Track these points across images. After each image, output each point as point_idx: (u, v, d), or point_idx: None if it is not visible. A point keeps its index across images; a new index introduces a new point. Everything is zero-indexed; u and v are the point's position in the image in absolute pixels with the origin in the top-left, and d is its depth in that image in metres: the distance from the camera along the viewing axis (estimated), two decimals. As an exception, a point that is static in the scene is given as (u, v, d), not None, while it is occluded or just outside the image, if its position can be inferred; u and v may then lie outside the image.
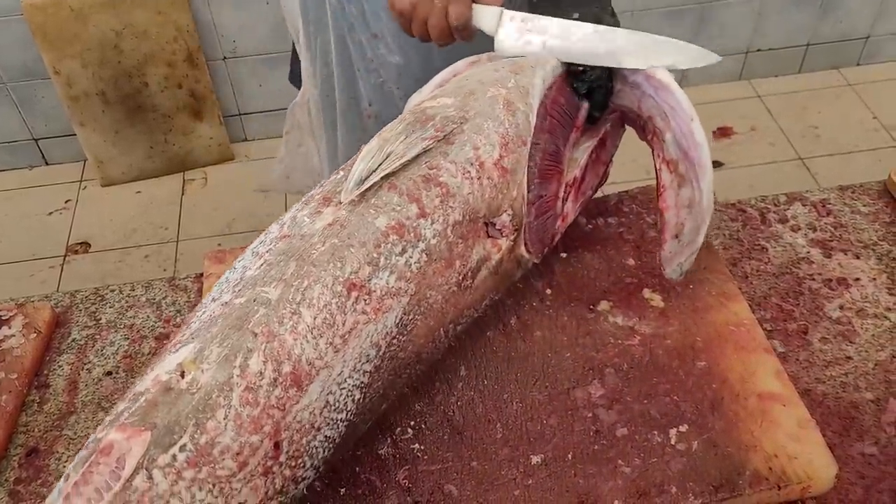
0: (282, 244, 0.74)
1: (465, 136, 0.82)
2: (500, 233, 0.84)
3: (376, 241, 0.74)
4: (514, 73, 0.91)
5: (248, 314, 0.68)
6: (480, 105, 0.85)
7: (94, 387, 0.96)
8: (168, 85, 2.58)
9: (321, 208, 0.76)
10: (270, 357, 0.67)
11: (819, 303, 1.02)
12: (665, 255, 0.95)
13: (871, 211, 1.13)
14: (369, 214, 0.75)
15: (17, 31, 2.43)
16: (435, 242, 0.78)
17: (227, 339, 0.67)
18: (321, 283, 0.71)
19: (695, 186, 0.90)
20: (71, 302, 1.07)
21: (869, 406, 0.91)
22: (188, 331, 0.70)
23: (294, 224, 0.76)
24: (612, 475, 0.79)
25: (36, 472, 0.88)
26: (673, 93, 0.91)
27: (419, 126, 0.81)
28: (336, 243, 0.73)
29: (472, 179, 0.81)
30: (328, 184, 0.81)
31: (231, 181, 2.74)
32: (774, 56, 2.91)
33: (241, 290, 0.71)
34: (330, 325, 0.70)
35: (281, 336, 0.68)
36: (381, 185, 0.77)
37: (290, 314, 0.69)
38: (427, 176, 0.79)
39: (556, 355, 0.90)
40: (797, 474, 0.79)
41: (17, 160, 2.79)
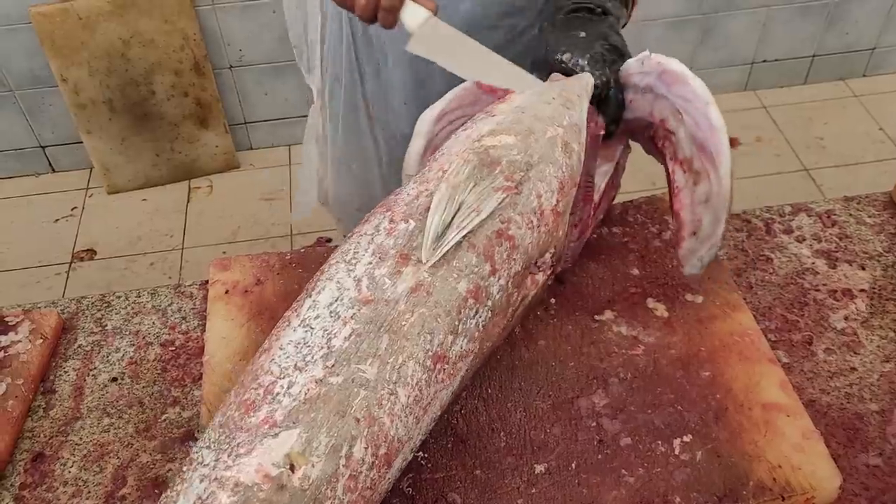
0: (367, 310, 0.71)
1: (530, 185, 0.81)
2: (539, 269, 0.84)
3: (458, 308, 0.74)
4: (566, 106, 0.89)
5: (350, 398, 0.66)
6: (542, 148, 0.84)
7: (100, 393, 0.97)
8: (174, 93, 2.59)
9: (400, 267, 0.74)
10: (371, 442, 0.66)
11: (824, 313, 1.02)
12: (683, 253, 0.93)
13: (877, 222, 1.13)
14: (452, 279, 0.74)
15: (24, 39, 2.44)
16: (499, 298, 0.78)
17: (334, 427, 0.65)
18: (414, 360, 0.70)
19: (712, 178, 0.89)
20: (77, 308, 1.07)
21: (874, 417, 0.90)
22: (279, 407, 0.66)
23: (375, 285, 0.73)
24: (615, 485, 0.79)
25: (41, 478, 0.89)
26: (686, 82, 0.89)
27: (486, 171, 0.80)
28: (424, 313, 0.72)
29: (534, 229, 0.81)
30: (398, 232, 0.77)
31: (236, 189, 2.74)
32: (780, 67, 2.91)
33: (335, 368, 0.68)
34: (418, 400, 0.71)
35: (380, 419, 0.67)
36: (461, 244, 0.76)
37: (388, 395, 0.68)
38: (499, 231, 0.78)
39: (560, 364, 0.90)
40: (801, 485, 0.79)
41: (24, 167, 2.80)
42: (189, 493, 0.62)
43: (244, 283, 1.01)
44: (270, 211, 2.64)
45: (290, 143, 2.87)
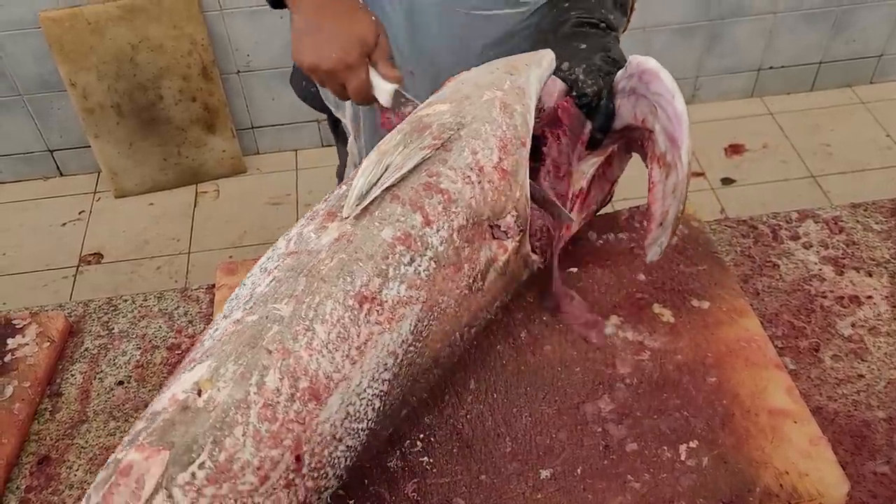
0: (290, 260, 0.74)
1: (462, 142, 0.82)
2: (506, 234, 0.85)
3: (384, 253, 0.75)
4: (509, 73, 0.91)
5: (262, 332, 0.68)
6: (476, 109, 0.86)
7: (106, 396, 0.97)
8: (182, 98, 2.60)
9: (326, 223, 0.77)
10: (287, 373, 0.67)
11: (831, 320, 1.01)
12: (648, 242, 0.95)
13: (884, 228, 1.13)
14: (374, 227, 0.76)
15: (33, 44, 2.45)
16: (442, 249, 0.78)
17: (242, 356, 0.67)
18: (332, 299, 0.71)
19: (678, 167, 0.89)
20: (84, 311, 1.07)
21: (881, 424, 0.90)
22: (202, 349, 0.70)
23: (300, 240, 0.76)
24: (621, 490, 0.79)
25: (47, 481, 0.89)
26: (657, 76, 0.90)
27: (416, 135, 0.82)
28: (344, 258, 0.73)
29: (473, 184, 0.81)
30: (332, 198, 0.81)
31: (243, 194, 2.75)
32: (787, 74, 2.91)
33: (252, 308, 0.71)
34: (344, 338, 0.71)
35: (296, 352, 0.68)
36: (384, 198, 0.77)
37: (304, 330, 0.69)
38: (428, 184, 0.79)
39: (565, 369, 0.90)
40: (808, 491, 0.78)
41: (32, 171, 2.81)
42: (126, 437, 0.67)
43: (251, 287, 1.01)
44: (277, 215, 2.64)
45: (296, 147, 2.87)
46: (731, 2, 2.72)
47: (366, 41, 0.98)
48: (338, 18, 0.98)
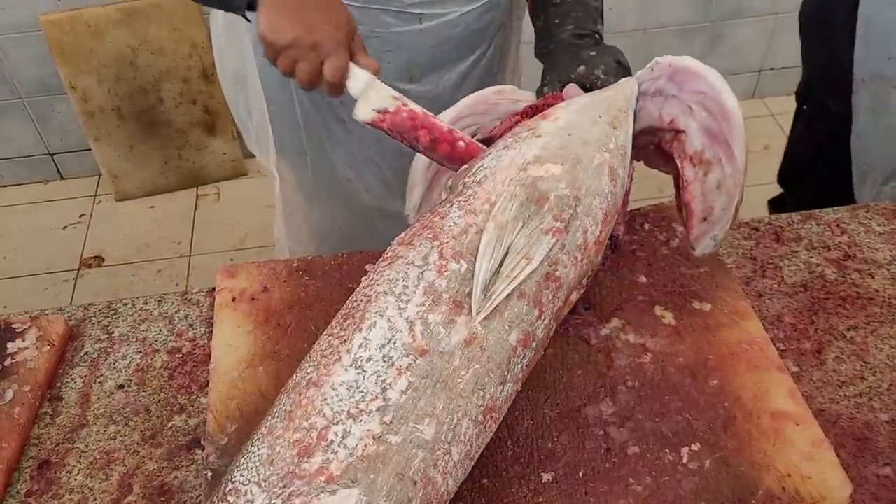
0: (422, 362, 0.70)
1: (578, 222, 0.80)
2: (574, 291, 0.84)
3: (508, 359, 0.74)
4: (613, 126, 0.88)
5: (408, 460, 0.67)
6: (589, 178, 0.82)
7: (107, 400, 0.97)
8: (182, 101, 2.60)
9: (454, 316, 0.73)
10: (425, 502, 0.68)
11: (833, 322, 1.01)
12: (694, 236, 0.94)
13: (886, 230, 1.13)
14: (503, 331, 0.74)
15: (34, 47, 2.45)
16: (542, 336, 0.78)
17: (393, 490, 0.65)
18: (468, 418, 0.71)
19: (724, 162, 0.90)
20: (84, 315, 1.07)
21: (884, 427, 0.90)
22: (335, 459, 0.66)
23: (429, 333, 0.72)
24: (623, 494, 0.79)
25: (47, 485, 0.89)
26: (699, 74, 0.90)
27: (534, 208, 0.78)
28: (479, 370, 0.72)
29: (578, 264, 0.80)
30: (449, 273, 0.75)
31: (244, 196, 2.75)
32: (788, 75, 2.90)
33: (392, 424, 0.68)
34: (468, 454, 0.72)
35: (434, 479, 0.68)
36: (512, 294, 0.75)
37: (443, 455, 0.69)
38: (547, 274, 0.77)
39: (567, 372, 0.90)
40: (811, 494, 0.78)
41: (32, 174, 2.81)
42: None
43: (251, 290, 1.01)
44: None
45: (297, 150, 2.87)
46: (732, 3, 2.72)
47: (350, 24, 0.93)
48: (310, 7, 0.91)
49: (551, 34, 1.04)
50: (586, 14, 1.04)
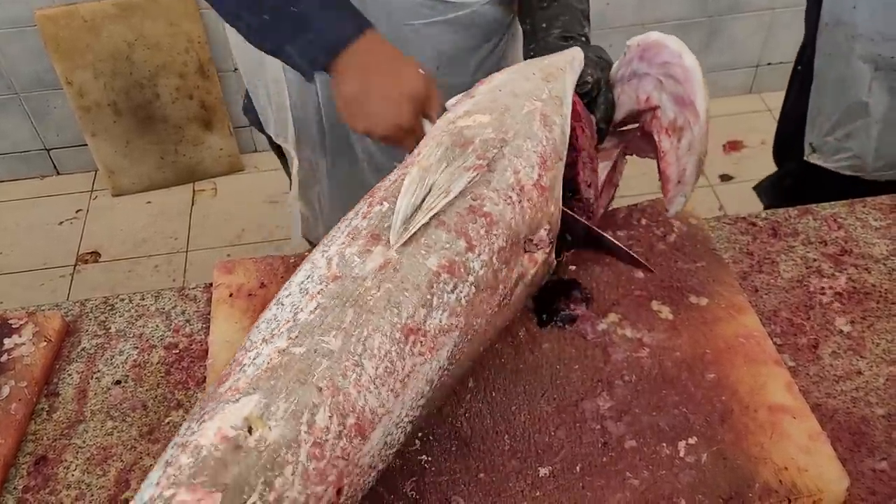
0: (334, 286, 0.72)
1: (505, 161, 0.81)
2: (537, 247, 0.84)
3: (429, 283, 0.74)
4: (546, 80, 0.90)
5: (312, 367, 0.67)
6: (518, 123, 0.84)
7: (104, 395, 0.97)
8: (179, 96, 2.60)
9: (370, 247, 0.75)
10: (336, 411, 0.66)
11: (829, 317, 1.01)
12: (668, 199, 0.98)
13: (882, 225, 1.13)
14: (420, 255, 0.74)
15: (29, 42, 2.45)
16: (482, 273, 0.78)
17: (293, 393, 0.65)
18: (380, 332, 0.70)
19: (692, 123, 0.92)
20: (81, 311, 1.07)
21: (880, 421, 0.90)
22: (244, 376, 0.68)
23: (344, 262, 0.74)
24: (620, 487, 0.79)
25: (44, 481, 0.88)
26: (661, 44, 0.92)
27: (458, 151, 0.80)
28: (391, 288, 0.72)
29: (514, 204, 0.81)
30: (372, 214, 0.78)
31: (241, 192, 2.75)
32: (785, 70, 2.90)
33: (298, 338, 0.69)
34: (390, 372, 0.70)
35: (345, 389, 0.67)
36: (429, 223, 0.76)
37: (353, 366, 0.68)
38: (472, 207, 0.78)
39: (564, 367, 0.90)
40: (807, 487, 0.78)
41: (28, 170, 2.80)
42: (160, 459, 0.64)
43: (248, 286, 1.01)
44: (275, 213, 2.64)
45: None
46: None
47: (417, 98, 0.95)
48: (385, 77, 0.95)
49: (537, 37, 1.05)
50: (573, 17, 1.05)
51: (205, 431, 0.64)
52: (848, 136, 1.40)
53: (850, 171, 1.43)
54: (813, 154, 1.47)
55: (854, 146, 1.40)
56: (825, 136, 1.43)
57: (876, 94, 1.32)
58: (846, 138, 1.40)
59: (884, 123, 1.35)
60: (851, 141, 1.40)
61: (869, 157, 1.39)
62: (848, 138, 1.40)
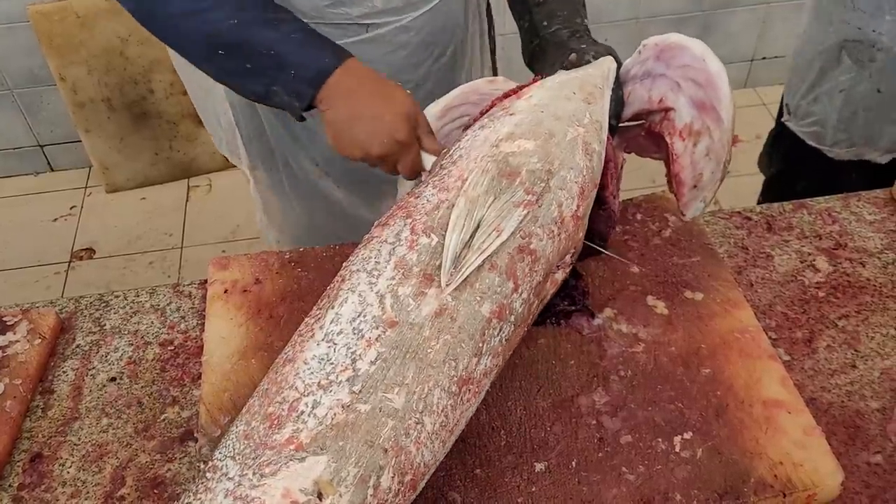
0: (392, 334, 0.71)
1: (551, 195, 0.80)
2: (559, 269, 0.84)
3: (482, 330, 0.74)
4: (587, 101, 0.88)
5: (378, 427, 0.67)
6: (562, 152, 0.82)
7: (99, 393, 0.96)
8: (173, 91, 2.59)
9: (424, 288, 0.73)
10: (398, 471, 0.67)
11: (824, 311, 1.01)
12: (683, 203, 0.97)
13: (877, 219, 1.13)
14: (475, 302, 0.74)
15: (23, 38, 2.44)
16: (521, 311, 0.78)
17: (362, 457, 0.65)
18: (440, 388, 0.70)
19: (713, 129, 0.91)
20: (76, 308, 1.07)
21: (874, 415, 0.90)
22: (305, 428, 0.66)
23: (399, 306, 0.72)
24: (616, 482, 0.79)
25: (39, 478, 0.88)
26: (684, 46, 0.91)
27: (505, 183, 0.78)
28: (449, 340, 0.72)
29: (555, 238, 0.80)
30: (420, 247, 0.75)
31: (235, 188, 2.74)
32: (780, 64, 2.91)
33: (362, 394, 0.68)
34: (444, 425, 0.71)
35: (407, 448, 0.68)
36: (482, 266, 0.75)
37: (415, 424, 0.68)
38: (521, 246, 0.77)
39: (560, 362, 0.90)
40: (802, 481, 0.78)
41: (22, 166, 2.79)
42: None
43: (243, 282, 1.01)
44: (269, 210, 2.63)
45: (289, 141, 2.87)
46: (724, -8, 2.73)
47: (412, 116, 0.95)
48: (375, 100, 0.95)
49: (538, 33, 1.04)
50: (571, 11, 1.05)
51: (270, 489, 0.63)
52: (816, 99, 1.43)
53: (812, 141, 1.45)
54: (788, 116, 1.49)
55: (819, 111, 1.43)
56: (800, 98, 1.45)
57: (844, 62, 1.35)
58: (814, 102, 1.44)
59: (846, 94, 1.37)
60: (818, 105, 1.43)
61: (829, 126, 1.41)
62: (816, 102, 1.43)
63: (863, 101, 1.36)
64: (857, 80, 1.34)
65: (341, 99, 0.96)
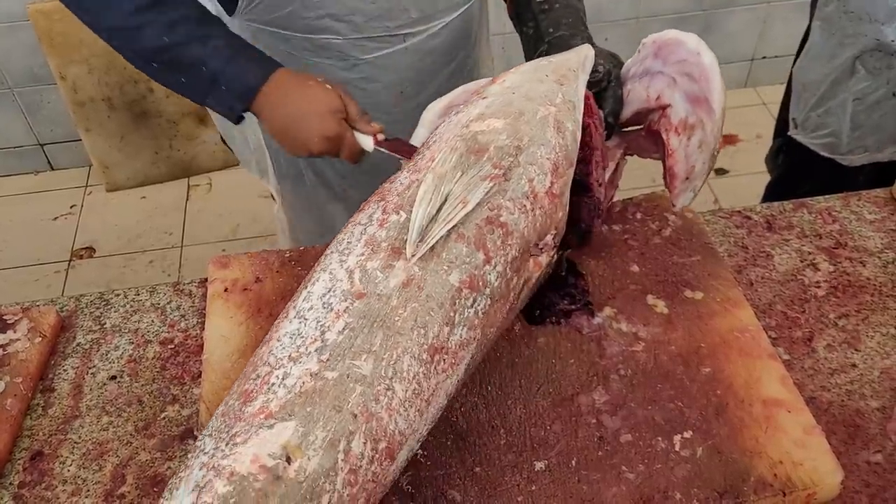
0: (360, 304, 0.71)
1: (520, 169, 0.81)
2: (541, 251, 0.84)
3: (451, 300, 0.74)
4: (559, 83, 0.89)
5: (346, 393, 0.67)
6: (532, 129, 0.83)
7: (99, 391, 0.97)
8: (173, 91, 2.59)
9: (392, 261, 0.74)
10: (370, 437, 0.67)
11: (824, 310, 1.01)
12: (675, 193, 0.98)
13: (877, 218, 1.13)
14: (443, 271, 0.74)
15: (23, 37, 2.44)
16: (497, 284, 0.78)
17: (330, 421, 0.65)
18: (409, 354, 0.71)
19: (705, 121, 0.92)
20: (76, 306, 1.07)
21: (874, 414, 0.90)
22: (275, 398, 0.67)
23: (367, 278, 0.73)
24: (616, 481, 0.79)
25: (40, 476, 0.88)
26: (680, 42, 0.92)
27: (473, 158, 0.79)
28: (417, 308, 0.72)
29: (527, 212, 0.80)
30: (389, 224, 0.77)
31: (235, 187, 2.74)
32: (780, 63, 2.90)
33: (330, 361, 0.68)
34: (418, 393, 0.71)
35: (378, 414, 0.68)
36: (449, 236, 0.75)
37: (385, 390, 0.69)
38: (489, 218, 0.77)
39: (560, 361, 0.90)
40: (802, 481, 0.78)
41: (22, 165, 2.79)
42: (189, 479, 0.63)
43: (243, 280, 1.01)
44: (269, 208, 2.62)
45: (289, 140, 2.86)
46: (724, -9, 2.73)
47: (335, 109, 1.01)
48: (300, 105, 1.01)
49: (543, 38, 1.05)
50: (576, 18, 1.06)
51: (240, 457, 0.63)
52: (828, 112, 1.42)
53: (826, 152, 1.45)
54: (795, 130, 1.49)
55: (832, 123, 1.42)
56: (809, 111, 1.45)
57: (859, 72, 1.34)
58: (826, 114, 1.43)
59: (860, 103, 1.37)
60: (830, 117, 1.42)
61: (844, 135, 1.41)
62: (828, 114, 1.42)
63: (878, 106, 1.36)
64: (873, 87, 1.34)
65: (271, 110, 1.03)
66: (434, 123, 0.99)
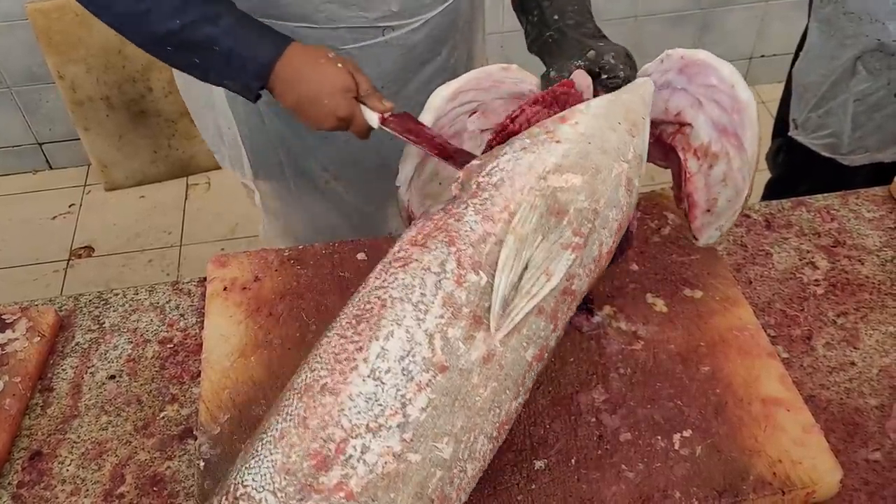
0: (443, 379, 0.69)
1: (595, 234, 0.79)
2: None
3: (523, 375, 0.74)
4: (631, 133, 0.86)
5: (427, 478, 0.67)
6: (607, 189, 0.81)
7: (98, 390, 0.97)
8: (172, 90, 2.58)
9: (473, 331, 0.72)
10: None
11: (823, 309, 1.01)
12: (697, 226, 0.95)
13: (875, 217, 1.13)
14: (521, 347, 0.73)
15: (21, 36, 2.43)
16: (553, 346, 0.78)
17: None
18: (484, 435, 0.71)
19: (732, 156, 0.90)
20: (75, 306, 1.07)
21: (873, 412, 0.90)
22: (354, 474, 0.65)
23: (449, 349, 0.70)
24: (615, 480, 0.79)
25: (39, 476, 0.88)
26: (712, 67, 0.90)
27: (553, 221, 0.77)
28: (496, 387, 0.71)
29: (591, 275, 0.80)
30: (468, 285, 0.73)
31: (234, 186, 2.70)
32: (778, 62, 2.90)
33: (413, 443, 0.67)
34: (482, 469, 0.72)
35: (449, 496, 0.69)
36: (530, 311, 0.74)
37: (459, 472, 0.69)
38: (565, 289, 0.77)
39: (559, 360, 0.90)
40: (801, 479, 0.79)
41: (21, 164, 2.79)
42: None
43: (242, 279, 1.01)
44: (268, 207, 2.63)
45: (287, 139, 2.86)
46: (722, -10, 2.72)
47: (345, 87, 1.00)
48: (312, 85, 1.00)
49: (549, 25, 1.04)
50: (582, 8, 1.05)
51: None
52: (828, 112, 1.42)
53: (827, 152, 1.45)
54: (795, 130, 1.49)
55: (833, 123, 1.42)
56: (809, 112, 1.45)
57: (859, 73, 1.34)
58: (827, 115, 1.43)
59: (861, 103, 1.37)
60: (831, 118, 1.42)
61: (844, 135, 1.41)
62: (828, 115, 1.42)
63: (879, 107, 1.36)
64: (873, 88, 1.34)
65: (285, 86, 1.02)
66: (442, 109, 0.97)
